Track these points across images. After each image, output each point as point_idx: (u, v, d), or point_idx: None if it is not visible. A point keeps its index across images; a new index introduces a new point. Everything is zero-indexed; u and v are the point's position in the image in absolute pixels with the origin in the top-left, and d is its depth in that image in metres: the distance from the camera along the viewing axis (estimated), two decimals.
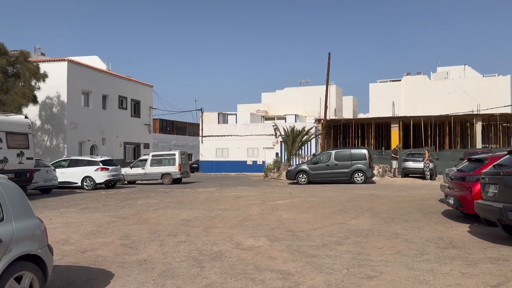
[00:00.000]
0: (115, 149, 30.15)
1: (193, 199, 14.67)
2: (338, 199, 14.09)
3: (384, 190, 17.75)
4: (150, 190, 19.01)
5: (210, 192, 17.34)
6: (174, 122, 56.16)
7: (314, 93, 45.69)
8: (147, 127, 34.26)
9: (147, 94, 34.42)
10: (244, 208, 12.06)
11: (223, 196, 15.50)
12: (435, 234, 8.24)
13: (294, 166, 23.38)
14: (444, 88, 42.48)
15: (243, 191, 17.64)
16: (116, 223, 9.84)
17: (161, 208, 12.45)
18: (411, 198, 14.35)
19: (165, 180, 23.47)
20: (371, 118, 33.79)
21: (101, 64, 31.04)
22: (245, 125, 38.27)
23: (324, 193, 16.25)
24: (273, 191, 17.45)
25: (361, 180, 21.54)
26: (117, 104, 30.54)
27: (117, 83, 30.70)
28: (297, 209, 11.87)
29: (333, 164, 21.95)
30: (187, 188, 19.90)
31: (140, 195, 16.57)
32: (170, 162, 23.62)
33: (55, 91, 25.53)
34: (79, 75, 26.73)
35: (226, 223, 9.70)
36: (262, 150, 37.28)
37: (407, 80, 43.95)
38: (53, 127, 25.87)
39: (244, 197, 15.03)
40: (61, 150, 25.55)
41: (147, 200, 14.78)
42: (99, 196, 16.74)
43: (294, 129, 26.96)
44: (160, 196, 15.95)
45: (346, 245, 7.32)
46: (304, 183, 22.06)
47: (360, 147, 23.83)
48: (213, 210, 11.81)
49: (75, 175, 20.07)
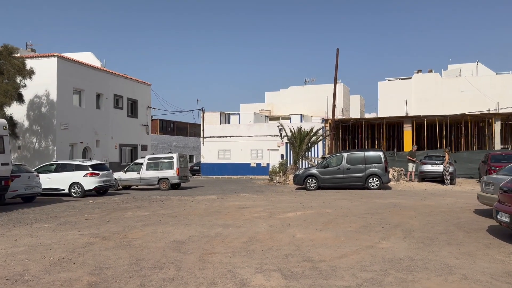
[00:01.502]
0: (110, 152, 28.33)
1: (191, 211, 12.81)
2: (357, 211, 12.22)
3: (405, 197, 15.85)
4: (144, 198, 17.17)
5: (211, 201, 15.48)
6: (175, 123, 54.49)
7: (320, 92, 43.88)
8: (145, 127, 32.42)
9: (144, 93, 32.58)
10: (249, 224, 10.19)
11: (224, 207, 13.65)
12: (497, 265, 6.37)
13: (302, 170, 21.50)
14: (457, 86, 40.51)
15: (247, 200, 15.78)
16: (92, 247, 7.99)
17: (152, 223, 10.60)
18: (441, 209, 12.47)
19: (162, 185, 21.64)
20: (382, 118, 31.87)
21: (95, 61, 29.20)
22: (248, 125, 36.43)
23: (339, 203, 14.36)
24: (281, 200, 15.58)
25: (376, 185, 19.66)
26: (112, 103, 28.72)
27: (112, 81, 28.88)
28: (312, 224, 10.00)
29: (345, 168, 20.07)
30: (185, 196, 18.05)
31: (131, 205, 14.73)
32: (167, 165, 21.79)
33: (43, 89, 23.75)
34: (71, 72, 24.93)
35: (227, 246, 7.84)
36: (267, 152, 35.44)
37: (418, 78, 42.01)
38: (42, 128, 24.07)
39: (248, 208, 13.17)
40: (51, 153, 23.74)
41: (138, 211, 12.94)
42: (85, 206, 14.90)
43: (301, 129, 25.07)
44: (153, 207, 14.10)
45: (388, 286, 5.45)
46: (313, 188, 20.21)
47: (374, 149, 21.94)
48: (212, 226, 9.95)
49: (62, 181, 18.25)
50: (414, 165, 22.36)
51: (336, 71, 32.88)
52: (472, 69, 44.82)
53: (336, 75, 32.86)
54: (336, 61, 32.79)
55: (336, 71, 32.89)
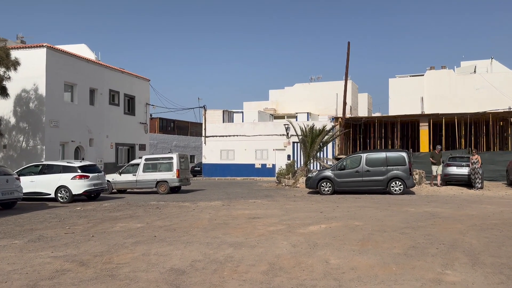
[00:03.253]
0: (105, 151, 26.29)
1: (192, 222, 10.78)
2: (392, 223, 10.18)
3: (438, 205, 13.79)
4: (139, 205, 15.13)
5: (215, 209, 13.44)
6: (175, 121, 52.46)
7: (327, 89, 41.79)
8: (143, 126, 30.34)
9: (143, 89, 30.49)
10: (266, 242, 8.16)
11: (232, 216, 11.61)
12: None
13: (315, 172, 19.45)
14: (472, 84, 38.38)
15: (257, 207, 13.74)
16: (63, 278, 5.97)
17: (145, 240, 8.57)
18: (491, 221, 10.44)
19: (160, 188, 19.60)
20: (397, 116, 29.79)
21: (89, 53, 27.12)
22: (253, 124, 34.36)
23: (366, 212, 12.31)
24: (297, 207, 13.53)
25: (400, 190, 17.63)
26: (107, 99, 26.64)
27: (108, 76, 26.82)
28: (345, 244, 7.97)
29: (364, 170, 18.04)
30: (186, 201, 16.01)
31: (123, 213, 12.69)
32: (166, 167, 19.76)
33: (32, 83, 21.71)
34: (62, 64, 22.87)
35: (242, 279, 5.82)
36: (272, 152, 33.39)
37: (430, 74, 39.89)
38: (30, 126, 22.02)
39: (261, 219, 11.13)
40: (39, 152, 21.70)
41: (130, 222, 10.90)
42: (70, 214, 12.87)
43: (313, 128, 22.98)
44: (149, 216, 12.06)
45: None
46: (328, 193, 18.19)
47: (397, 150, 19.86)
48: (220, 246, 7.92)
49: (47, 184, 16.21)
50: (439, 168, 20.07)
51: (347, 66, 30.92)
52: (486, 66, 42.75)
53: (347, 70, 30.91)
54: (347, 55, 30.83)
55: (347, 65, 30.92)
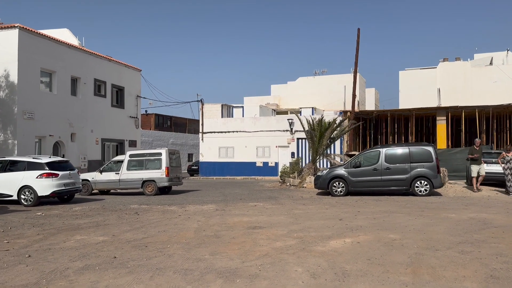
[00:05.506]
0: (90, 147, 23.65)
1: (173, 234, 8.18)
2: (439, 236, 7.57)
3: (482, 209, 11.14)
4: (116, 209, 12.52)
5: (207, 215, 10.82)
6: (172, 118, 49.96)
7: (333, 83, 39.22)
8: (134, 120, 27.68)
9: (133, 79, 27.81)
10: (271, 269, 5.55)
11: (227, 226, 9.00)
12: None
13: (326, 170, 16.82)
14: (489, 76, 35.83)
15: (259, 212, 11.13)
16: None
17: (98, 264, 5.98)
18: None
19: (147, 189, 17.00)
20: (411, 109, 27.13)
21: (72, 39, 24.50)
22: (254, 119, 31.74)
23: (396, 219, 9.68)
24: (308, 213, 10.91)
25: (425, 191, 15.01)
26: (92, 89, 23.98)
27: (93, 63, 24.16)
28: (388, 271, 5.37)
29: (384, 167, 15.41)
30: (173, 204, 13.40)
31: (90, 221, 10.08)
32: (154, 164, 17.16)
33: (2, 69, 19.10)
34: (38, 48, 20.25)
35: None
36: (275, 149, 30.78)
37: (444, 66, 37.26)
38: (0, 117, 19.43)
39: (264, 229, 8.53)
40: (10, 147, 19.10)
41: (92, 234, 8.30)
42: (24, 221, 10.26)
43: (322, 120, 20.34)
44: (120, 225, 9.46)
45: None
46: (341, 194, 15.60)
47: (422, 144, 17.20)
48: (203, 276, 5.31)
49: (9, 184, 13.60)
50: (482, 167, 16.84)
51: (357, 55, 28.30)
52: (502, 58, 40.23)
53: (357, 59, 28.28)
54: (357, 43, 28.23)
55: (357, 54, 28.30)
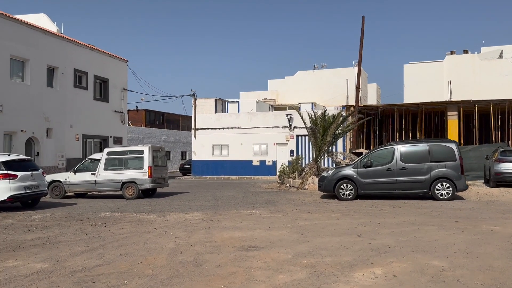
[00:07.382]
0: (69, 144, 21.46)
1: (138, 259, 6.06)
2: (500, 263, 5.50)
3: None
4: (82, 218, 10.38)
5: (189, 229, 8.70)
6: (165, 114, 47.80)
7: (333, 77, 37.11)
8: (119, 115, 25.51)
9: (119, 71, 25.60)
10: None
11: (212, 245, 6.89)
12: None
13: (331, 170, 14.73)
14: (499, 70, 34.00)
15: (255, 224, 9.02)
16: None
17: None
18: None
19: (127, 192, 14.87)
20: (420, 104, 25.12)
21: (50, 24, 22.31)
22: (250, 114, 29.66)
23: (430, 234, 7.60)
24: (317, 224, 8.81)
25: (448, 194, 13.01)
26: (72, 81, 21.78)
27: (73, 52, 21.95)
28: None
29: (399, 167, 13.36)
30: (152, 212, 11.27)
31: (39, 236, 7.94)
32: (135, 163, 15.03)
33: None
34: (7, 33, 18.07)
35: None
36: (272, 147, 28.73)
37: (451, 60, 35.35)
38: None
39: (261, 250, 6.43)
40: None
41: (30, 259, 6.17)
42: None
43: (325, 114, 18.25)
44: (76, 243, 7.33)
45: None
46: (349, 197, 13.57)
47: (443, 140, 15.19)
48: None
49: None
50: None
51: (361, 45, 26.26)
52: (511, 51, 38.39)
53: (361, 49, 26.23)
54: (362, 33, 26.19)
55: (361, 44, 26.26)
